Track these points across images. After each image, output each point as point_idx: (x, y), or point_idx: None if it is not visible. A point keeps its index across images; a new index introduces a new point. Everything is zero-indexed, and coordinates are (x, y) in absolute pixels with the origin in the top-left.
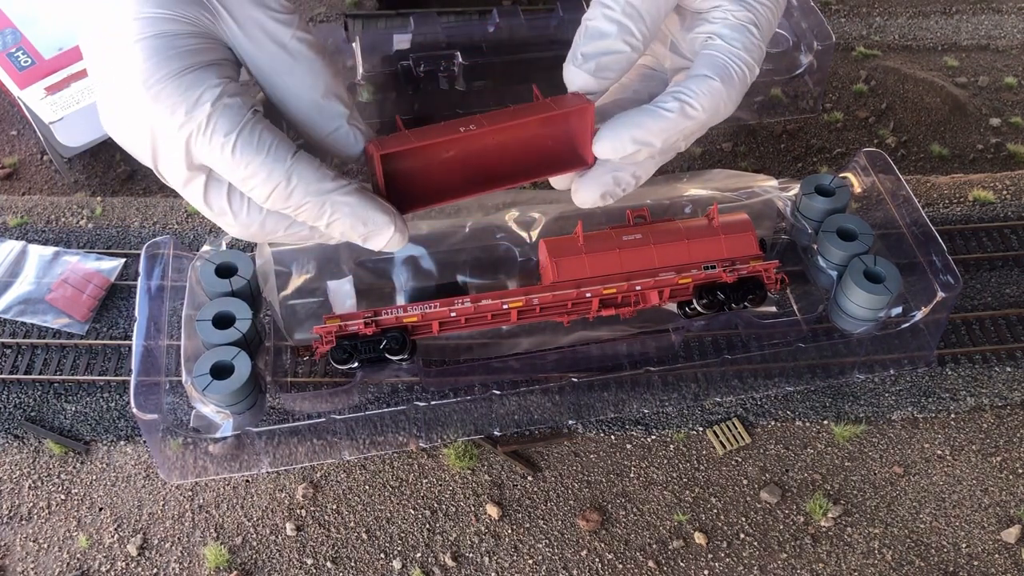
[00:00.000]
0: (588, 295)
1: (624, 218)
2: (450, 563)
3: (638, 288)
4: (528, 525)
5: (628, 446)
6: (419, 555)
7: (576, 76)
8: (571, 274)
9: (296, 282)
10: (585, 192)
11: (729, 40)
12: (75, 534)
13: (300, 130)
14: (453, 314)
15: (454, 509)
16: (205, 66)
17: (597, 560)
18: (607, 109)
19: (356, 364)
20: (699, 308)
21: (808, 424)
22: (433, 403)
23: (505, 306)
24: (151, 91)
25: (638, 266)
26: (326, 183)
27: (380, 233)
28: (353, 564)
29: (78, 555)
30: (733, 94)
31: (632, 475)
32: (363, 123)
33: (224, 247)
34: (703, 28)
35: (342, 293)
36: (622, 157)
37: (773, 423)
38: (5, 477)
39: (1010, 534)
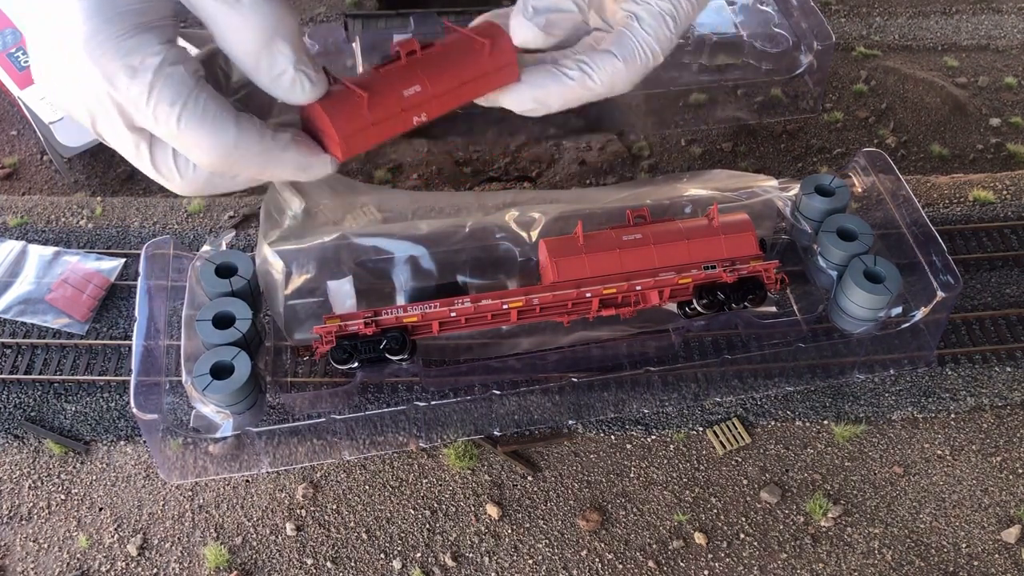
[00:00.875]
0: (588, 295)
1: (624, 218)
2: (450, 563)
3: (638, 288)
4: (528, 525)
5: (628, 446)
6: (419, 555)
7: (525, 29)
8: (571, 274)
9: (296, 282)
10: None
11: (645, 26)
12: (75, 534)
13: (246, 73)
14: (453, 314)
15: (454, 509)
16: (146, 28)
17: (597, 560)
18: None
19: (356, 364)
20: (699, 308)
21: (808, 424)
22: (433, 403)
23: (505, 306)
24: (91, 55)
25: (638, 266)
26: (267, 142)
27: (317, 171)
28: (353, 564)
29: (78, 555)
30: (633, 76)
31: (632, 475)
32: (312, 69)
33: (224, 247)
34: (628, 5)
35: (342, 293)
36: (519, 110)
37: (773, 423)
38: (5, 477)
39: (1010, 534)
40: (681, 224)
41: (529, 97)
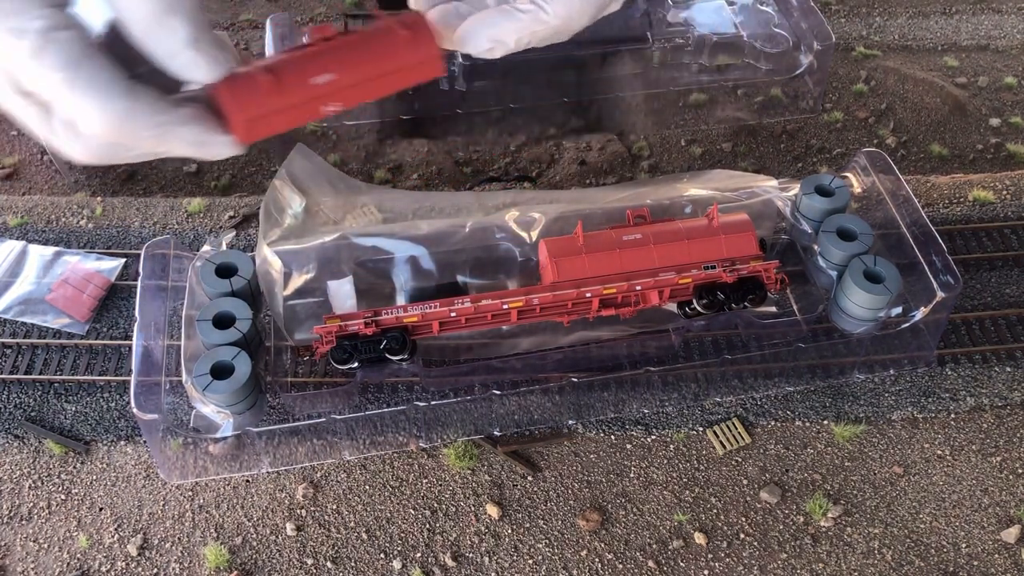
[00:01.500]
0: (588, 295)
1: (624, 218)
2: (450, 563)
3: (638, 288)
4: (528, 525)
5: (628, 446)
6: (419, 555)
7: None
8: (571, 274)
9: (296, 282)
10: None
11: None
12: (75, 534)
13: (139, 49)
14: (453, 314)
15: (454, 509)
16: None
17: (597, 560)
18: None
19: (356, 364)
20: (699, 308)
21: (808, 424)
22: (433, 403)
23: (505, 306)
24: None
25: (638, 266)
26: (162, 116)
27: (217, 150)
28: (353, 564)
29: (78, 555)
30: (588, 7)
31: (632, 475)
32: (214, 48)
33: (224, 247)
34: None
35: (342, 293)
36: (478, 53)
37: (773, 423)
38: (5, 477)
39: (1010, 534)
40: (681, 224)
41: (484, 37)
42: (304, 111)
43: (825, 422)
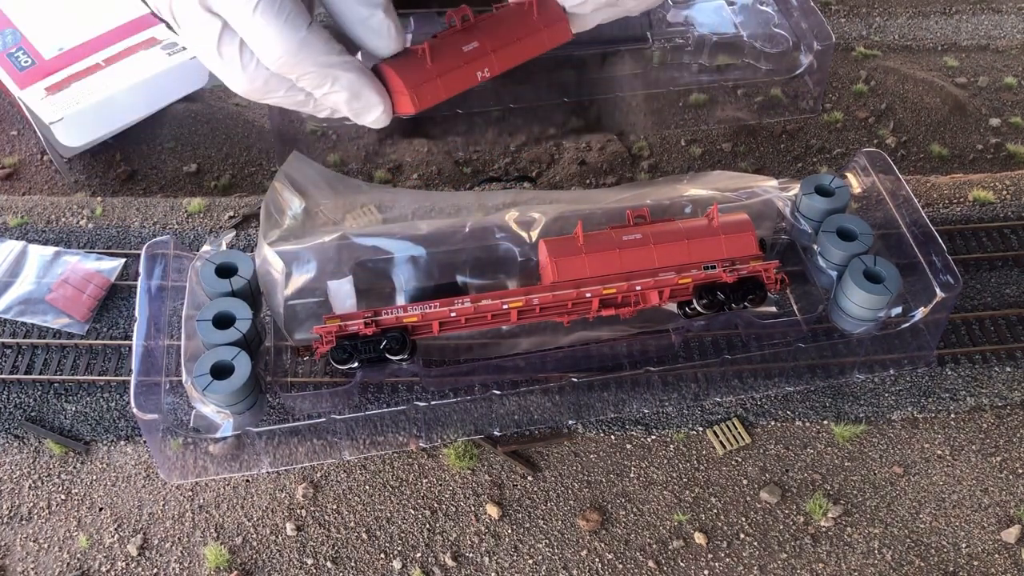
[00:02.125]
0: (588, 295)
1: (624, 218)
2: (450, 563)
3: (638, 288)
4: (528, 525)
5: (628, 446)
6: (419, 555)
7: None
8: (571, 274)
9: (296, 282)
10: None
11: None
12: (75, 534)
13: (334, 15)
14: (453, 314)
15: (454, 509)
16: None
17: (597, 560)
18: None
19: (356, 364)
20: (699, 308)
21: (808, 424)
22: (433, 403)
23: (505, 306)
24: None
25: (638, 266)
26: (332, 56)
27: (370, 111)
28: (353, 564)
29: (78, 555)
30: None
31: (632, 475)
32: (396, 19)
33: (224, 247)
34: None
35: (342, 293)
36: (601, 17)
37: (773, 423)
38: (5, 477)
39: (1010, 534)
40: (681, 224)
41: (592, 6)
42: (461, 76)
43: (825, 422)
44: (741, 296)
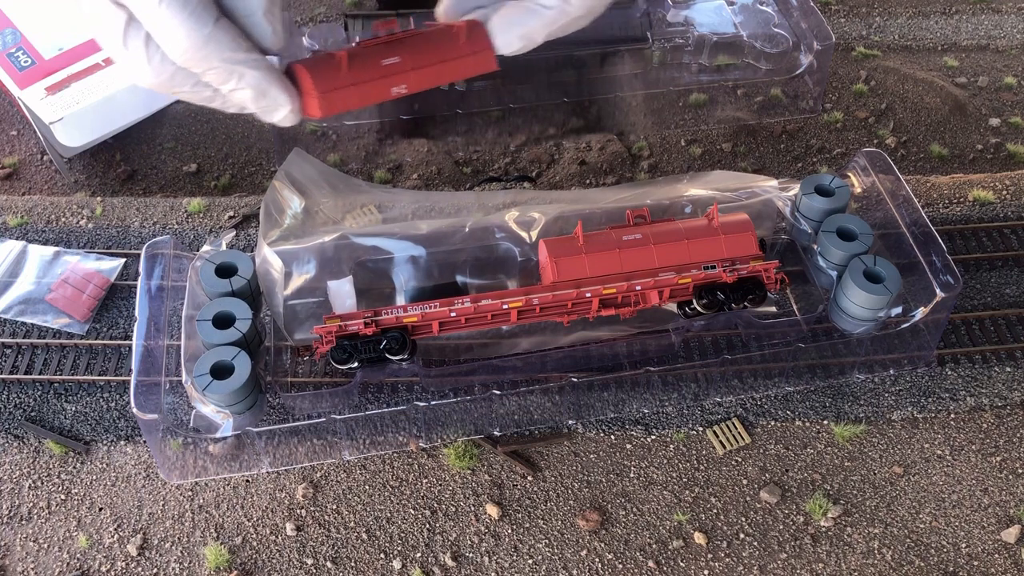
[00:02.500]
0: (588, 295)
1: (624, 218)
2: (450, 563)
3: (638, 288)
4: (528, 525)
5: (628, 446)
6: (419, 555)
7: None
8: (571, 274)
9: (296, 282)
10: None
11: None
12: (75, 534)
13: (224, 6)
14: (453, 314)
15: (454, 509)
16: None
17: (597, 560)
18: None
19: (356, 364)
20: (699, 308)
21: (808, 424)
22: (433, 403)
23: (505, 306)
24: None
25: (638, 266)
26: (239, 53)
27: (276, 110)
28: (353, 564)
29: (78, 555)
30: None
31: (632, 475)
32: (280, 21)
33: (224, 247)
34: None
35: (342, 293)
36: (510, 52)
37: (773, 423)
38: (5, 477)
39: (1010, 534)
40: (681, 224)
41: (515, 36)
42: (375, 89)
43: (825, 422)
44: (741, 296)
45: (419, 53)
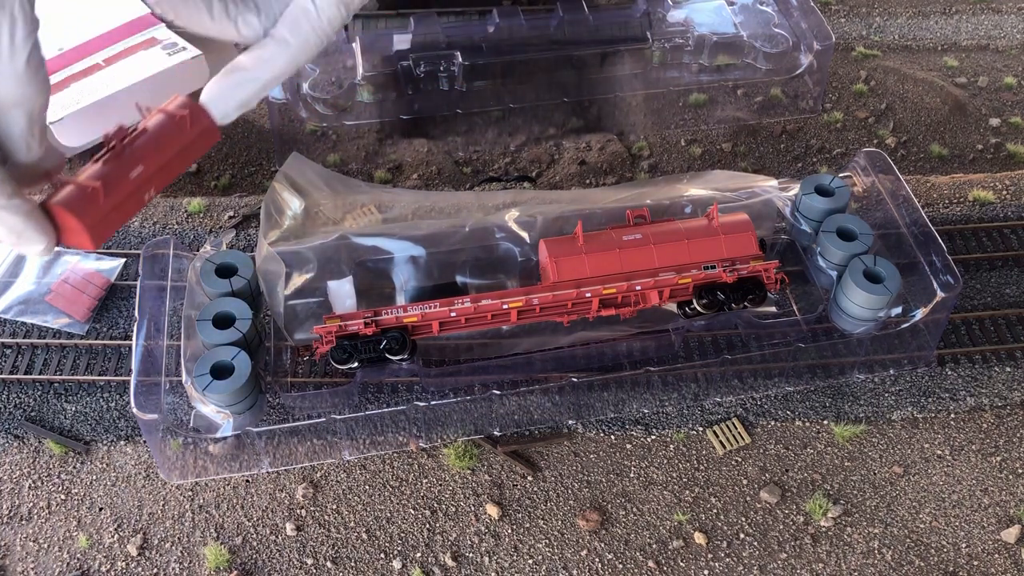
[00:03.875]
0: (588, 295)
1: (624, 218)
2: (450, 563)
3: (638, 288)
4: (528, 525)
5: (628, 446)
6: (419, 555)
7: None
8: (571, 274)
9: (296, 282)
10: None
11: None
12: (75, 534)
13: None
14: (453, 314)
15: (454, 509)
16: None
17: (597, 560)
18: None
19: (356, 364)
20: (699, 308)
21: (808, 424)
22: (433, 403)
23: (505, 306)
24: None
25: (638, 266)
26: None
27: (31, 247)
28: (353, 564)
29: (78, 555)
30: (312, 46)
31: (632, 475)
32: (38, 139)
33: (224, 247)
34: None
35: (342, 293)
36: (229, 121)
37: (773, 423)
38: (5, 477)
39: (1010, 534)
40: (681, 224)
41: (234, 108)
42: (132, 204)
43: (825, 422)
44: (741, 296)
45: (156, 154)
